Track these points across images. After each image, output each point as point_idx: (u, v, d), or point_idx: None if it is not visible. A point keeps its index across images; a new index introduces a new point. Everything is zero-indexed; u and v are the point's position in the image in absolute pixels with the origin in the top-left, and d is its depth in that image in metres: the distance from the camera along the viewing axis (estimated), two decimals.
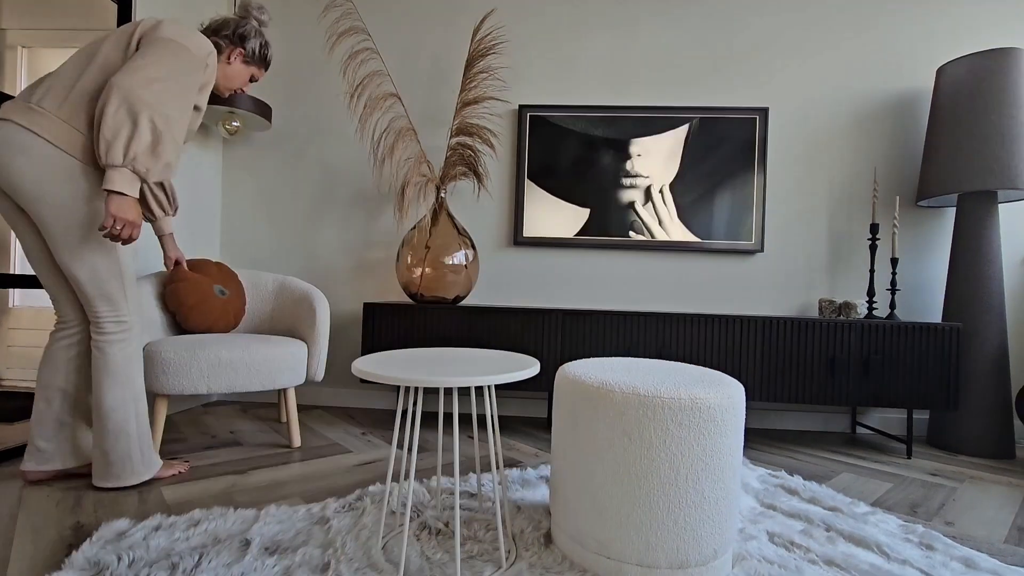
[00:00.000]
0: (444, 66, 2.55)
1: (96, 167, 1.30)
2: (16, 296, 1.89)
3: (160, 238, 1.77)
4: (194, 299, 1.81)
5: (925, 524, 1.40)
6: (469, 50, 2.34)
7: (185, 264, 1.84)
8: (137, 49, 1.32)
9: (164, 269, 2.07)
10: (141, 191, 1.66)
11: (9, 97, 1.62)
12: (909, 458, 2.02)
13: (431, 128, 2.55)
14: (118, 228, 1.23)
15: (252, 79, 1.67)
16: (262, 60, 1.64)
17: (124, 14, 1.91)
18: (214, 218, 2.57)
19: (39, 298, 1.78)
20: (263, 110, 2.32)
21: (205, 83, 1.45)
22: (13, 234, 1.78)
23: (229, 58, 1.58)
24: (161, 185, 1.69)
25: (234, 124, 2.31)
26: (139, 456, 1.43)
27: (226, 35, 1.56)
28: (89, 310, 1.37)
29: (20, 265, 1.79)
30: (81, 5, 1.89)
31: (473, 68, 2.28)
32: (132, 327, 1.42)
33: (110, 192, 1.22)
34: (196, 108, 1.47)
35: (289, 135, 2.60)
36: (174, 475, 1.54)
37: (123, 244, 1.29)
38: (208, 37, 1.55)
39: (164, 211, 1.72)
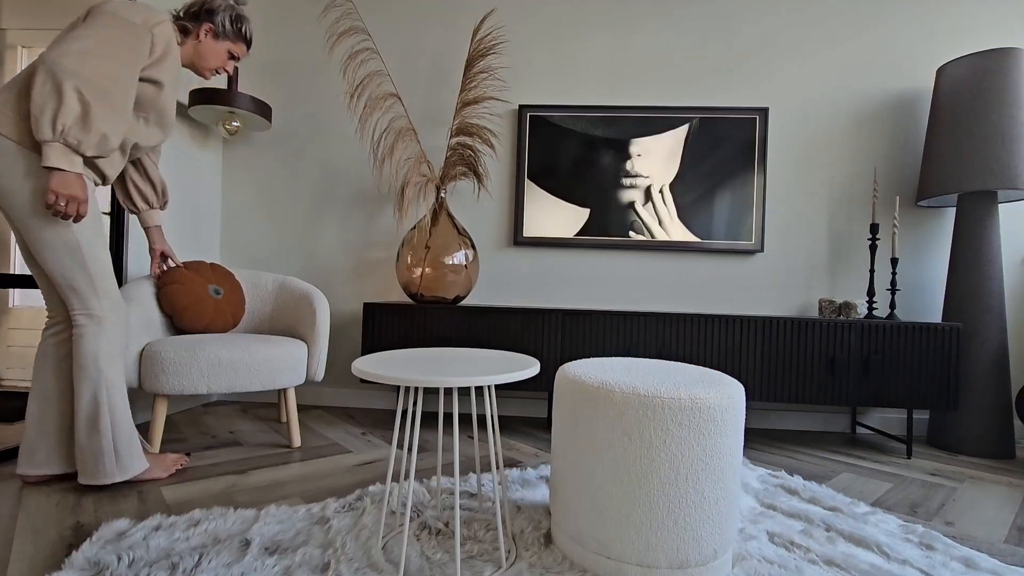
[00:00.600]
0: (444, 66, 2.55)
1: (36, 149, 1.26)
2: (16, 296, 1.90)
3: (146, 230, 1.72)
4: (188, 300, 1.80)
5: (925, 524, 1.40)
6: (469, 50, 2.34)
7: (174, 258, 1.80)
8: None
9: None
10: (123, 182, 1.64)
11: None
12: (909, 458, 2.02)
13: (431, 128, 2.55)
14: (62, 204, 1.22)
15: (232, 56, 1.60)
16: (236, 34, 1.58)
17: None
18: (214, 218, 2.57)
19: (39, 298, 1.77)
20: (263, 110, 2.32)
21: (160, 57, 1.38)
22: (13, 234, 1.79)
23: (199, 36, 1.52)
24: (148, 178, 1.65)
25: (234, 124, 2.31)
26: (112, 456, 1.38)
27: (193, 12, 1.52)
28: (66, 304, 1.37)
29: (20, 265, 1.80)
30: (81, 5, 1.89)
31: (473, 68, 2.28)
32: (104, 321, 1.38)
33: (50, 169, 1.20)
34: (156, 84, 1.41)
35: (289, 135, 2.60)
36: (173, 475, 1.54)
37: (74, 222, 1.26)
38: (176, 21, 1.50)
39: (149, 204, 1.68)
